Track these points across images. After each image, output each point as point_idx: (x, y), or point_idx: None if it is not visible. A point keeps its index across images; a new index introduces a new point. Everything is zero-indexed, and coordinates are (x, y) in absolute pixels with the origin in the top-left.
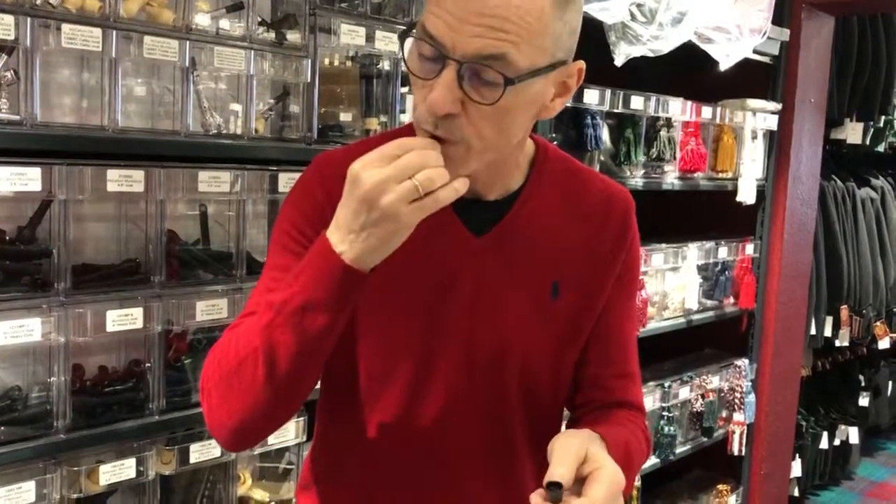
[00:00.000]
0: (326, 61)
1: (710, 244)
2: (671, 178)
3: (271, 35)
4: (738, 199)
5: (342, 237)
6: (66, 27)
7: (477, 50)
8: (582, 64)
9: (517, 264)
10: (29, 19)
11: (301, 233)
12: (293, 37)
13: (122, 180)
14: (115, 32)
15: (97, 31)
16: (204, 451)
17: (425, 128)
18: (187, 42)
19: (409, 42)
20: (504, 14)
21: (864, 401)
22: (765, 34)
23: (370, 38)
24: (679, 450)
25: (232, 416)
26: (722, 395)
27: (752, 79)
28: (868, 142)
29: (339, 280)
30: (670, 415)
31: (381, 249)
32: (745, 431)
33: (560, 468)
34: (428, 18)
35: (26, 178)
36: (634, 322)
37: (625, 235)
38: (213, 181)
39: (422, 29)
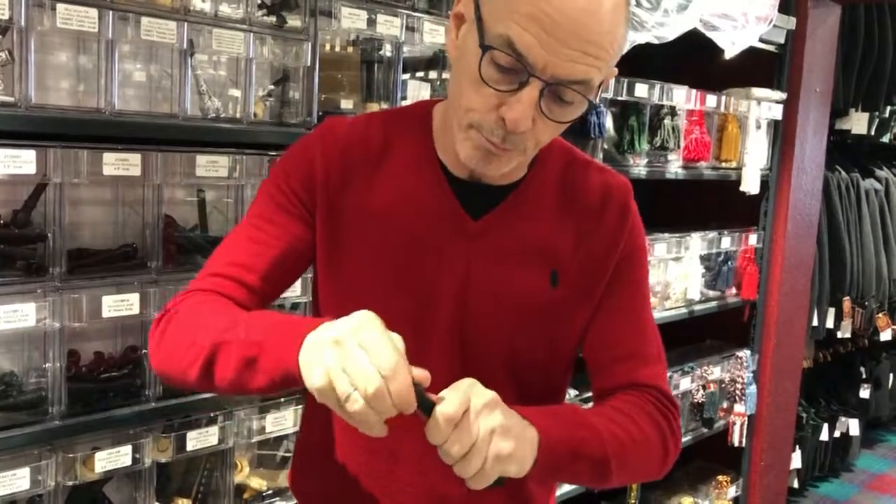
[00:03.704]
0: (327, 47)
1: (712, 234)
2: (675, 167)
3: (271, 18)
4: (742, 188)
5: (312, 351)
6: (60, 7)
7: (568, 74)
8: (615, 71)
9: (514, 250)
10: None
11: (292, 190)
12: (293, 20)
13: (119, 164)
14: (111, 13)
15: (93, 12)
16: (201, 439)
17: (492, 139)
18: (185, 24)
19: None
20: (600, 41)
21: (864, 393)
22: (771, 22)
23: (372, 22)
24: None
25: (165, 369)
26: (723, 385)
27: (758, 67)
28: (873, 132)
29: (288, 375)
30: None
31: (308, 384)
32: (746, 423)
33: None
34: (513, 30)
35: (21, 161)
36: (645, 305)
37: (623, 224)
38: (211, 166)
39: (505, 42)
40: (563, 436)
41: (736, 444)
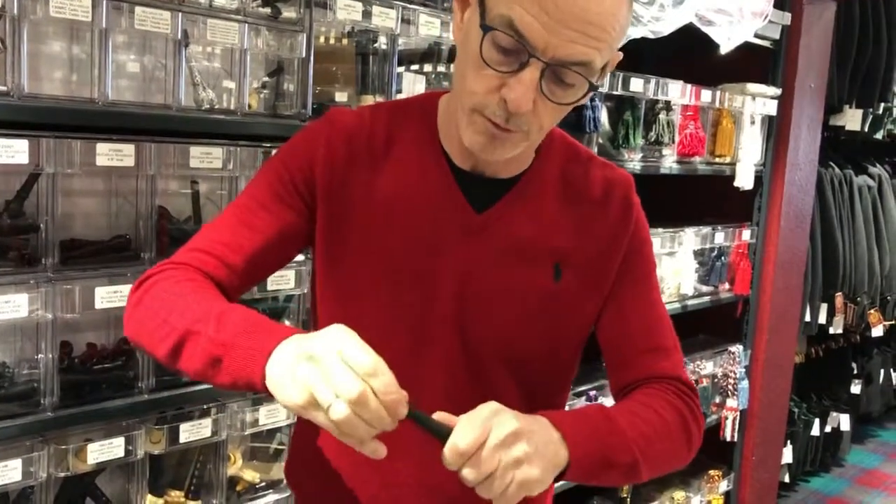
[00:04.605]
0: (322, 39)
1: (706, 229)
2: (669, 161)
3: (266, 9)
4: (736, 184)
5: (284, 369)
6: None
7: (569, 55)
8: (620, 55)
9: (517, 243)
10: None
11: (291, 180)
12: (288, 11)
13: (112, 154)
14: (105, 2)
15: (86, 0)
16: (194, 431)
17: (494, 120)
18: (180, 14)
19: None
20: (601, 23)
21: (855, 388)
22: (766, 18)
23: (367, 13)
24: None
25: (135, 338)
26: (715, 380)
27: (753, 63)
28: (867, 129)
29: (251, 384)
30: None
31: (283, 400)
32: (738, 417)
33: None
34: (515, 11)
35: (13, 151)
36: (656, 297)
37: (627, 218)
38: (205, 157)
39: (506, 22)
40: (592, 448)
41: (728, 438)
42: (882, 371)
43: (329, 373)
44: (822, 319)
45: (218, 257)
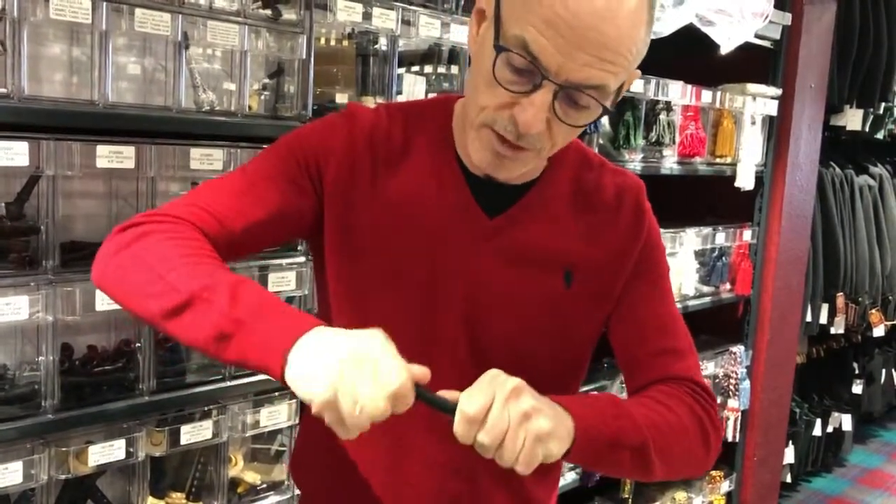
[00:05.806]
0: (322, 40)
1: (707, 230)
2: (670, 162)
3: (266, 11)
4: (737, 184)
5: (307, 357)
6: None
7: (583, 79)
8: (639, 73)
9: (528, 249)
10: None
11: (305, 162)
12: (288, 13)
13: (113, 156)
14: (104, 4)
15: (86, 2)
16: (195, 433)
17: (504, 135)
18: (180, 16)
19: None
20: (617, 47)
21: (857, 388)
22: (766, 18)
23: (367, 15)
24: None
25: (108, 285)
26: (717, 381)
27: (753, 63)
28: (867, 129)
29: (267, 369)
30: None
31: (306, 393)
32: (740, 418)
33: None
34: (529, 33)
35: (13, 153)
36: (670, 300)
37: (639, 223)
38: (206, 159)
39: (520, 43)
40: (599, 424)
41: (729, 439)
42: (883, 371)
43: (358, 384)
44: (824, 319)
45: (218, 219)
